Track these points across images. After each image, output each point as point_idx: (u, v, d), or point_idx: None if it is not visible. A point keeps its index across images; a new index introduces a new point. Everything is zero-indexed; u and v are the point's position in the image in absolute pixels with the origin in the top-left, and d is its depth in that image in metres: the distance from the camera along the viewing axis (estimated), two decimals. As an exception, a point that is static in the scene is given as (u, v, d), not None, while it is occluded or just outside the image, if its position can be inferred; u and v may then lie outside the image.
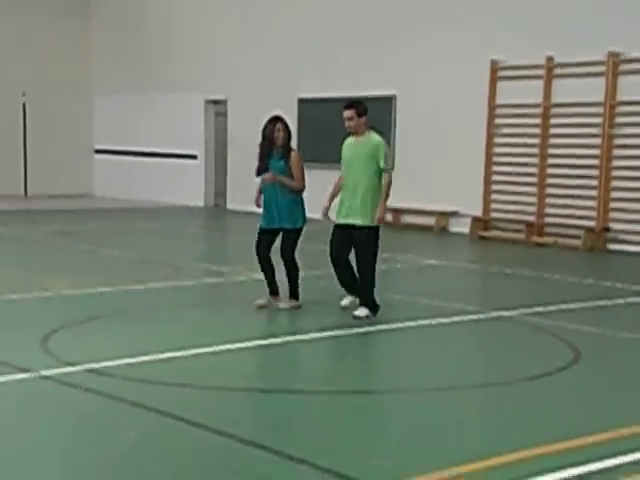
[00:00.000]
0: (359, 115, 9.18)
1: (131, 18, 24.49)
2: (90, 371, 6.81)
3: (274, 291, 9.68)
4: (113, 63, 25.11)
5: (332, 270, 9.53)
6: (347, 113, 9.22)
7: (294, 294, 9.62)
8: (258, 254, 9.59)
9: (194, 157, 23.12)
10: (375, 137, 9.22)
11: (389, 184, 9.15)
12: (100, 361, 7.06)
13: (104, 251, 14.21)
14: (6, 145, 23.54)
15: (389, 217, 18.26)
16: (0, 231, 16.36)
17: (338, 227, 9.30)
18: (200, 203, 22.97)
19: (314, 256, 12.49)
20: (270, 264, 9.64)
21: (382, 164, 9.09)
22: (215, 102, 22.65)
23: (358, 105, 9.25)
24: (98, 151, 25.59)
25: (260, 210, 9.67)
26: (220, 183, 22.70)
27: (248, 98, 20.18)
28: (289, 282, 9.62)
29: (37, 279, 11.05)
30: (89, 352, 7.37)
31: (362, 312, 9.07)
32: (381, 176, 9.16)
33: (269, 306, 9.60)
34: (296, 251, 9.59)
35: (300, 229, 9.60)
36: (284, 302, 9.57)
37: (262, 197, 9.60)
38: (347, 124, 9.28)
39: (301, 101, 19.98)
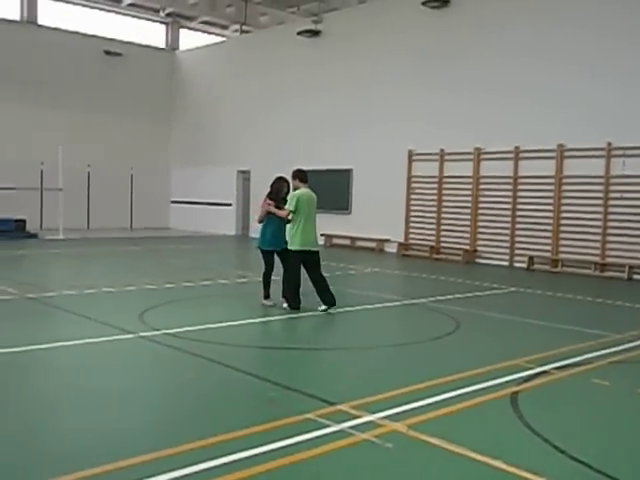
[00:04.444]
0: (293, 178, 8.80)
1: (193, 124, 24.45)
2: (167, 334, 6.86)
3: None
4: (182, 149, 25.00)
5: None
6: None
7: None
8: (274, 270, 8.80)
9: (230, 204, 23.00)
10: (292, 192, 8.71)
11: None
12: (173, 328, 7.09)
13: (176, 261, 14.17)
14: (121, 198, 23.50)
15: (348, 242, 18.54)
16: (117, 249, 16.31)
17: None
18: (233, 232, 22.84)
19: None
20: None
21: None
22: (243, 172, 22.57)
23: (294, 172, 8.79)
24: (173, 201, 25.45)
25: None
26: (245, 220, 22.52)
27: (262, 169, 20.25)
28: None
29: (137, 278, 11.05)
30: (166, 322, 7.40)
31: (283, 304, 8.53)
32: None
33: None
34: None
35: None
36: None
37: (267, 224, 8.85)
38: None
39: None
